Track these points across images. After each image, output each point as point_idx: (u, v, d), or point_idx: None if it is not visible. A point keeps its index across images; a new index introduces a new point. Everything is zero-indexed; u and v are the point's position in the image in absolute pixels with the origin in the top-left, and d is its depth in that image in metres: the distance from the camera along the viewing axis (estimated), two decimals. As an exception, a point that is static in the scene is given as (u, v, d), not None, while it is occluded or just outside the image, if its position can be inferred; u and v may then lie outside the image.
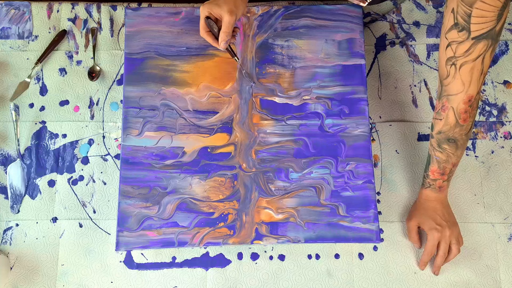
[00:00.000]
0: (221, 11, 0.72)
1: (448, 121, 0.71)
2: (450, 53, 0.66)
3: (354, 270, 0.81)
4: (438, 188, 0.78)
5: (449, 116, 0.70)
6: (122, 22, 0.92)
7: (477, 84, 0.67)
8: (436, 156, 0.75)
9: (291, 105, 0.83)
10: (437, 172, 0.76)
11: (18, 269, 0.81)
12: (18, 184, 0.84)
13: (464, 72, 0.66)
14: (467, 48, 0.64)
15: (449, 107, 0.70)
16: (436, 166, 0.76)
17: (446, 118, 0.71)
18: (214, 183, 0.79)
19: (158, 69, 0.83)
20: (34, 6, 0.92)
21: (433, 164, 0.76)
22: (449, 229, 0.77)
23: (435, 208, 0.79)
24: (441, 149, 0.74)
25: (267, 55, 0.85)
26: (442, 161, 0.75)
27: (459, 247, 0.78)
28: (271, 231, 0.77)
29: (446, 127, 0.71)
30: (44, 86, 0.89)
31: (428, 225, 0.78)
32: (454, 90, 0.68)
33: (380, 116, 0.89)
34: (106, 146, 0.86)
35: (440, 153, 0.74)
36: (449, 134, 0.72)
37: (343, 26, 0.86)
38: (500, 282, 0.81)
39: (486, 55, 0.64)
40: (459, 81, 0.67)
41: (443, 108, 0.71)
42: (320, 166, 0.80)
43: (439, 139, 0.73)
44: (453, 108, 0.69)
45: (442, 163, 0.75)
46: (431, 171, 0.77)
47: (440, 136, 0.73)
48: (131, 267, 0.81)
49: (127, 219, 0.77)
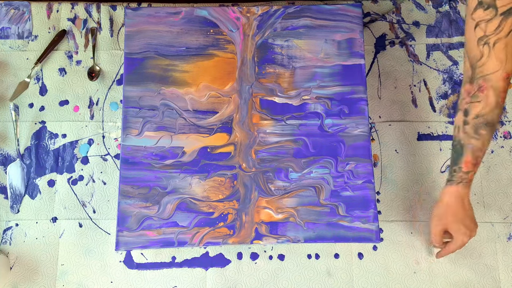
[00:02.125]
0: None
1: (488, 102, 0.68)
2: (480, 32, 0.65)
3: (353, 270, 0.81)
4: (469, 181, 0.73)
5: (489, 96, 0.67)
6: (121, 22, 0.92)
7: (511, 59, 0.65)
8: (471, 144, 0.70)
9: (290, 105, 0.83)
10: (471, 162, 0.71)
11: (18, 269, 0.81)
12: (18, 184, 0.84)
13: (499, 49, 0.64)
14: (497, 25, 0.63)
15: (488, 86, 0.67)
16: (470, 156, 0.70)
17: (485, 99, 0.68)
18: (214, 183, 0.79)
19: (157, 69, 0.83)
20: (34, 6, 0.92)
21: (467, 154, 0.70)
22: (475, 232, 0.74)
23: (464, 209, 0.73)
24: (477, 135, 0.69)
25: (266, 55, 0.85)
26: (476, 150, 0.70)
27: None
28: (270, 231, 0.77)
29: (486, 109, 0.68)
30: (44, 86, 0.89)
31: (457, 229, 0.73)
32: (491, 68, 0.66)
33: (380, 116, 0.89)
34: (106, 146, 0.86)
35: (475, 140, 0.69)
36: (488, 118, 0.68)
37: (343, 26, 0.86)
38: (500, 281, 0.81)
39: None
40: (495, 59, 0.65)
41: (480, 89, 0.68)
42: (319, 166, 0.80)
43: (476, 124, 0.69)
44: (492, 87, 0.67)
45: (476, 151, 0.70)
46: (465, 162, 0.71)
47: (478, 120, 0.69)
48: (131, 267, 0.81)
49: (127, 219, 0.77)
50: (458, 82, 0.90)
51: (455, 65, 0.91)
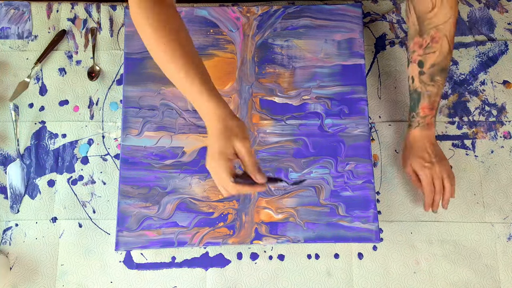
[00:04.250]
0: (239, 146, 0.61)
1: (442, 51, 0.72)
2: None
3: (353, 270, 0.81)
4: (427, 125, 0.78)
5: (443, 45, 0.71)
6: (121, 22, 0.92)
7: (457, 3, 0.69)
8: (428, 90, 0.75)
9: (290, 105, 0.83)
10: (427, 107, 0.77)
11: (18, 269, 0.81)
12: (18, 184, 0.84)
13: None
14: None
15: (441, 36, 0.71)
16: (427, 102, 0.76)
17: (440, 48, 0.72)
18: (214, 183, 0.79)
19: (157, 69, 0.82)
20: (34, 6, 0.92)
21: (424, 100, 0.76)
22: (438, 165, 0.78)
23: (423, 147, 0.78)
24: (433, 82, 0.74)
25: (266, 55, 0.85)
26: (433, 95, 0.75)
27: (451, 181, 0.78)
28: (270, 231, 0.77)
29: (440, 57, 0.72)
30: (44, 86, 0.89)
31: (419, 165, 0.78)
32: (443, 18, 0.70)
33: (380, 116, 0.89)
34: (106, 146, 0.86)
35: (431, 86, 0.75)
36: (443, 64, 0.73)
37: (343, 26, 0.86)
38: (500, 282, 0.81)
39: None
40: (447, 7, 0.68)
41: (434, 40, 0.71)
42: (319, 166, 0.80)
43: (432, 72, 0.74)
44: (446, 36, 0.71)
45: (433, 97, 0.76)
46: (422, 108, 0.77)
47: (434, 68, 0.74)
48: (130, 267, 0.81)
49: (127, 219, 0.77)
50: (458, 82, 0.90)
51: (455, 65, 0.91)
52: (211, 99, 0.62)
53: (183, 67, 0.62)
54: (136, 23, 0.63)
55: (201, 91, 0.62)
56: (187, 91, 0.63)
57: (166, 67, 0.64)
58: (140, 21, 0.62)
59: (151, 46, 0.63)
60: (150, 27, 0.62)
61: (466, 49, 0.92)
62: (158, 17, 0.62)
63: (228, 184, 0.61)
